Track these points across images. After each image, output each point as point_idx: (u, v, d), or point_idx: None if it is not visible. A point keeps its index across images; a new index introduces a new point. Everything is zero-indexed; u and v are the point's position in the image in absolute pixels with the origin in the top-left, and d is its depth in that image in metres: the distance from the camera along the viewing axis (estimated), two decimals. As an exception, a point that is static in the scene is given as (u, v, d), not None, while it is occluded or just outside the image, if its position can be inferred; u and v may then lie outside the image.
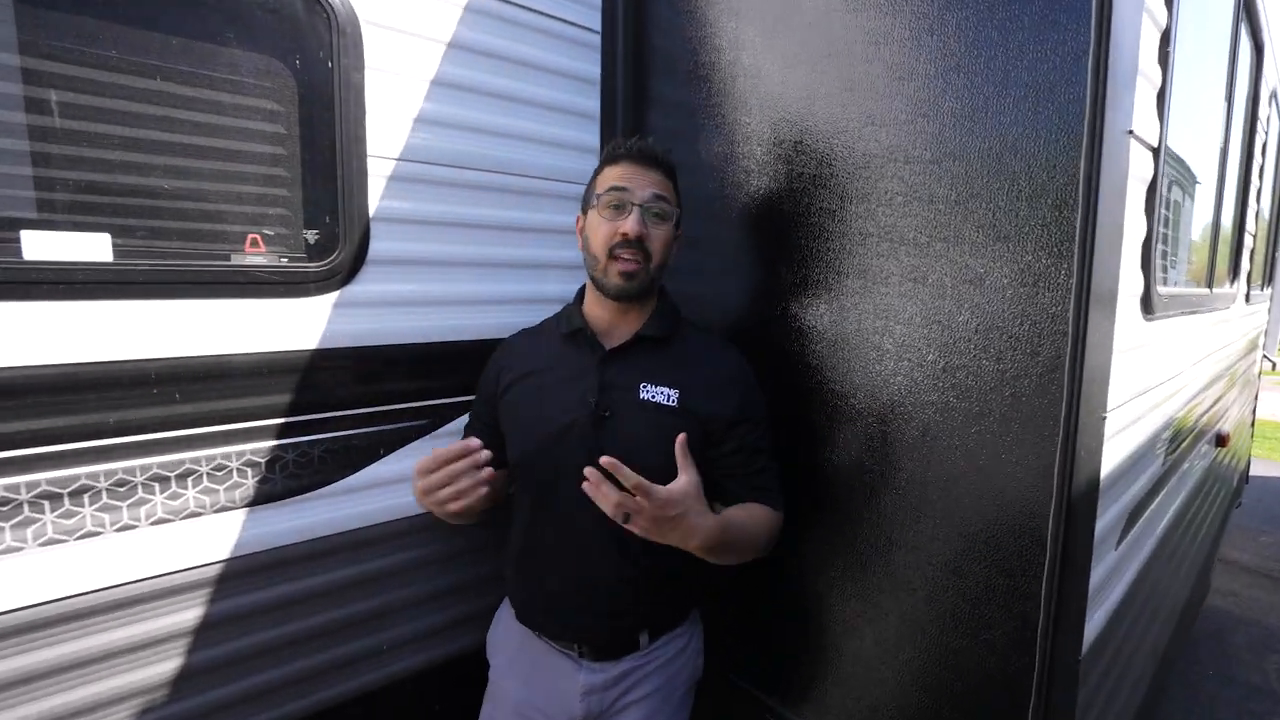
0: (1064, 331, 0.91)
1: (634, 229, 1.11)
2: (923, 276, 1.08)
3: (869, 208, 1.15)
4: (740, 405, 1.17)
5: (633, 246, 1.13)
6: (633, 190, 1.13)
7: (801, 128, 1.25)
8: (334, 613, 1.29)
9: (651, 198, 1.14)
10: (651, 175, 1.15)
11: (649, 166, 1.15)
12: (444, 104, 1.34)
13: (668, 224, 1.17)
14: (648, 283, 1.16)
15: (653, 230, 1.15)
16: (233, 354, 1.14)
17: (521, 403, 1.21)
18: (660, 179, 1.16)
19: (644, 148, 1.16)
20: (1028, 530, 0.98)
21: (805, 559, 1.30)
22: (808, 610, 1.30)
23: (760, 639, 1.40)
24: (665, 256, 1.19)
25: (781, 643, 1.36)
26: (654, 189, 1.15)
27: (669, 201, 1.17)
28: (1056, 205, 0.92)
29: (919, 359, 1.09)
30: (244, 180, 1.15)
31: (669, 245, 1.19)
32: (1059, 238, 0.92)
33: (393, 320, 1.32)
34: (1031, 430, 0.97)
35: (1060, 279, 0.92)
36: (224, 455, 1.14)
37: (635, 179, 1.14)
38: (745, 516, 1.14)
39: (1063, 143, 0.90)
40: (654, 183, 1.15)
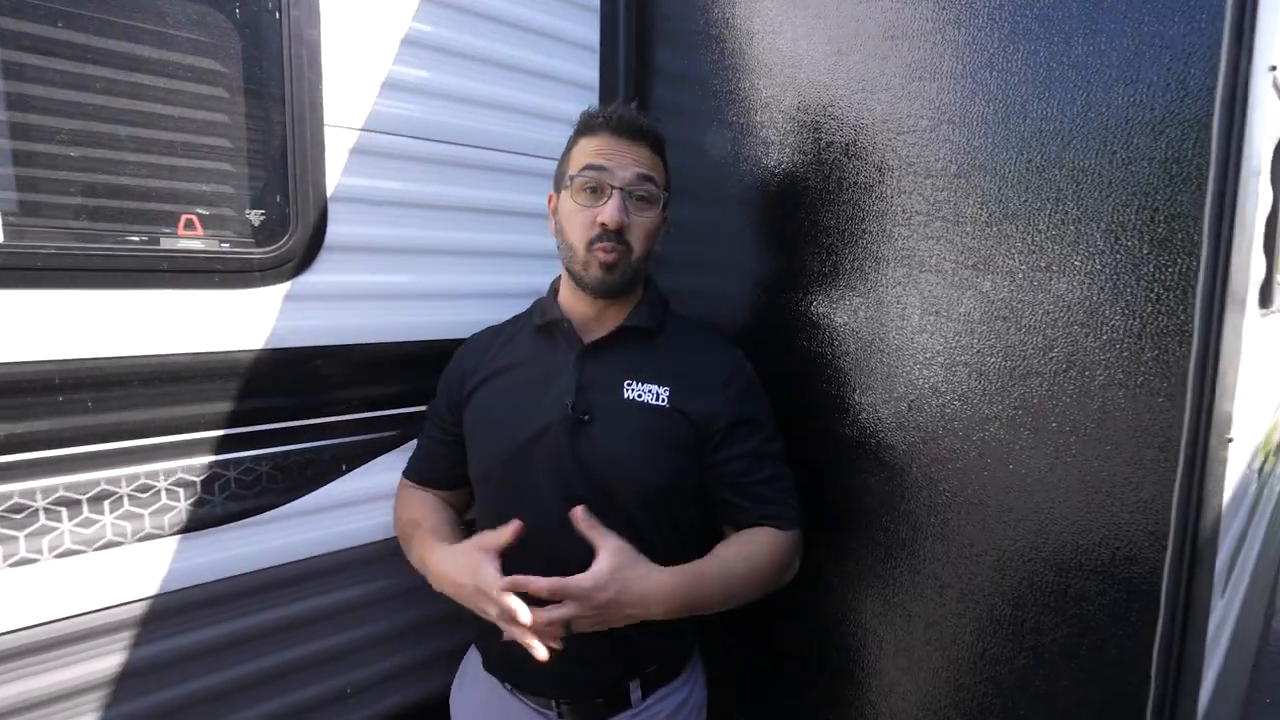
0: (1182, 331, 0.71)
1: (614, 218, 0.93)
2: (984, 262, 0.88)
3: (915, 180, 0.95)
4: (740, 404, 0.98)
5: (609, 238, 0.94)
6: (612, 170, 0.94)
7: (830, 90, 1.05)
8: (286, 654, 1.11)
9: (635, 179, 0.95)
10: (636, 150, 0.96)
11: (633, 140, 0.96)
12: (417, 67, 1.17)
13: (654, 208, 0.98)
14: (631, 275, 0.98)
15: (636, 218, 0.96)
16: (161, 355, 0.97)
17: (488, 407, 1.04)
18: (646, 154, 0.97)
19: (626, 116, 0.96)
20: (1124, 581, 0.78)
21: (833, 600, 1.10)
22: (835, 662, 1.10)
23: (777, 694, 1.21)
24: (651, 245, 1.00)
25: (802, 700, 1.16)
26: (638, 168, 0.96)
27: (656, 182, 0.98)
28: (1171, 162, 0.71)
29: (977, 365, 0.89)
30: (176, 151, 0.98)
31: (656, 232, 1.01)
32: (1178, 208, 0.72)
33: (355, 316, 1.14)
34: (1129, 454, 0.77)
35: (1179, 262, 0.72)
36: (149, 474, 0.97)
37: (616, 155, 0.95)
38: (735, 554, 0.95)
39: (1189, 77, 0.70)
40: (638, 160, 0.96)
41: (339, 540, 1.16)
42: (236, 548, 1.06)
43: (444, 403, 1.10)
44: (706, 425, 0.97)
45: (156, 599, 0.99)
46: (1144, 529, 0.76)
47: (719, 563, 0.94)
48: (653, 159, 0.98)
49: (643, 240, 0.97)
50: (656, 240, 1.02)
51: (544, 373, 1.01)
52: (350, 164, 1.11)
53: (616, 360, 1.00)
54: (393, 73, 1.14)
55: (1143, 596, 0.76)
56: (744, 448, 0.98)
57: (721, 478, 0.99)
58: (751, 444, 0.99)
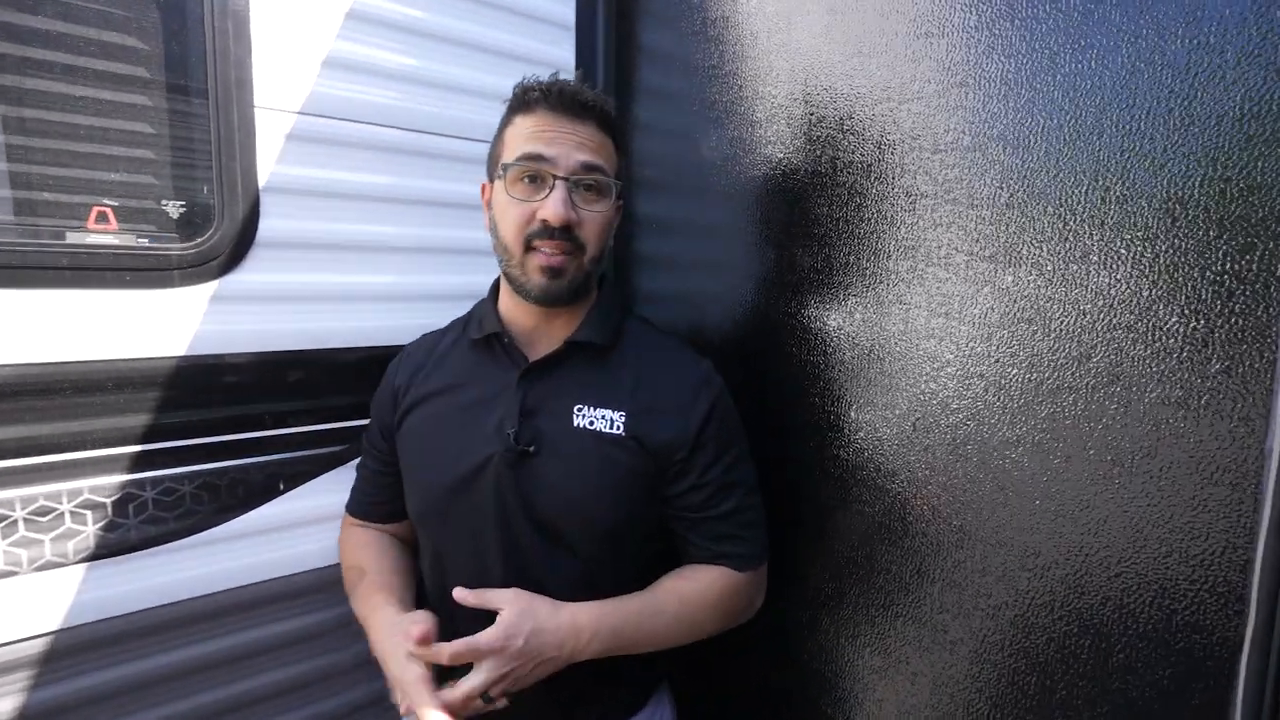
0: (1263, 336, 0.55)
1: (559, 215, 0.79)
2: (1004, 253, 0.72)
3: (920, 156, 0.80)
4: (705, 426, 0.84)
5: (558, 236, 0.80)
6: (554, 157, 0.80)
7: (824, 55, 0.90)
8: (211, 695, 1.00)
9: (580, 166, 0.81)
10: (581, 130, 0.81)
11: (576, 117, 0.81)
12: (362, 44, 1.05)
13: (605, 200, 0.84)
14: (582, 279, 0.84)
15: (584, 211, 0.82)
16: (65, 362, 0.87)
17: (421, 436, 0.90)
18: (593, 135, 0.82)
19: (569, 89, 0.81)
20: (1182, 654, 0.61)
21: (828, 648, 0.95)
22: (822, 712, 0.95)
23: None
24: (604, 242, 0.86)
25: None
26: (585, 154, 0.81)
27: (605, 170, 0.83)
28: (1248, 119, 0.55)
29: (996, 377, 0.74)
30: (83, 135, 0.88)
31: (609, 227, 0.87)
32: (1257, 177, 0.55)
33: (291, 319, 1.03)
34: (1189, 493, 0.60)
35: (1258, 246, 0.56)
36: (50, 494, 0.87)
37: (557, 138, 0.80)
38: (666, 590, 0.85)
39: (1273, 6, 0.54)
40: (585, 143, 0.81)
41: (276, 567, 1.05)
42: (155, 576, 0.95)
43: (377, 428, 0.98)
44: (667, 455, 0.84)
45: (58, 635, 0.89)
46: (1210, 589, 0.59)
47: (644, 599, 0.83)
48: (601, 140, 0.84)
49: (596, 238, 0.84)
50: (610, 237, 0.89)
51: (483, 395, 0.87)
52: (286, 151, 1.00)
53: (565, 381, 0.86)
54: (335, 50, 1.03)
55: (1208, 676, 0.60)
56: (705, 477, 0.84)
57: (677, 510, 0.86)
58: (714, 472, 0.85)
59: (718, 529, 0.85)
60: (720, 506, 0.85)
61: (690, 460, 0.84)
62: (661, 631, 0.83)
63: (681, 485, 0.84)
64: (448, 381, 0.91)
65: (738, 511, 0.86)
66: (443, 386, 0.91)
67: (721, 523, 0.85)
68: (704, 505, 0.85)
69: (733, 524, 0.86)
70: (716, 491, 0.84)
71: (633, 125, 1.27)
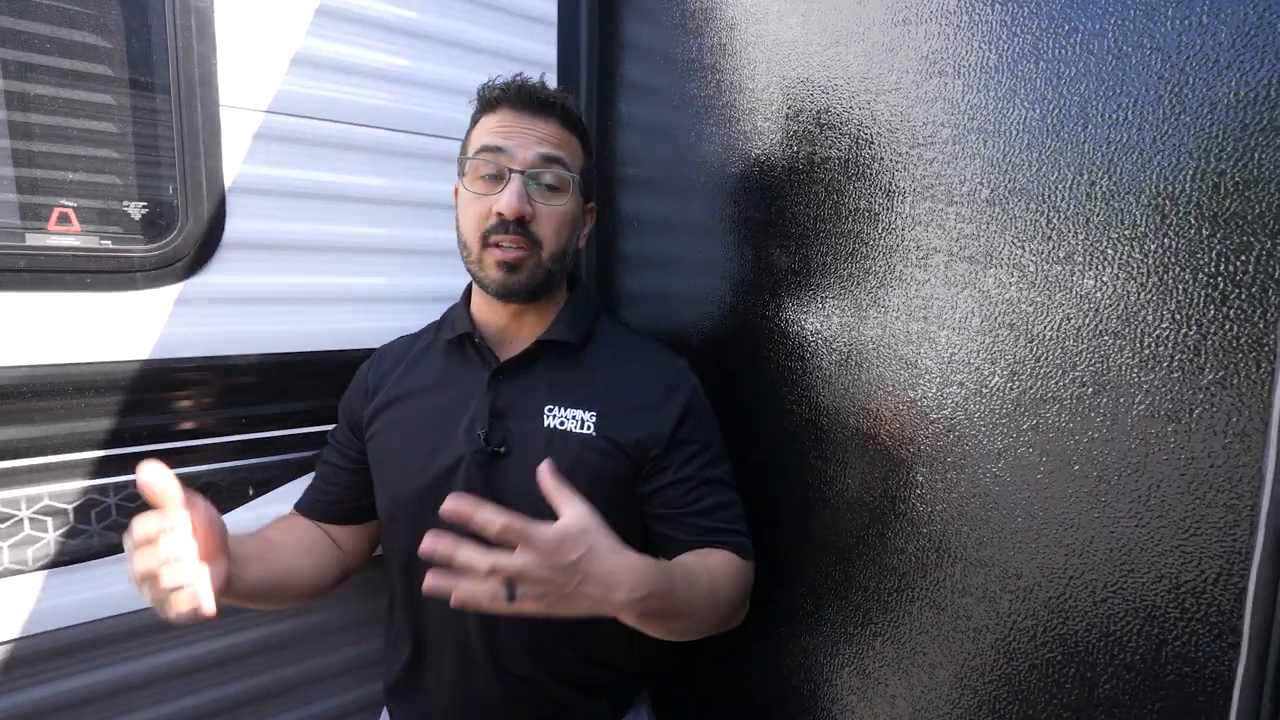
0: (1260, 344, 0.50)
1: (512, 206, 0.78)
2: (984, 253, 0.68)
3: (898, 152, 0.75)
4: (680, 424, 0.83)
5: (512, 230, 0.79)
6: (511, 150, 0.80)
7: (801, 46, 0.86)
8: (172, 705, 0.98)
9: (538, 160, 0.81)
10: (541, 127, 0.82)
11: (537, 114, 0.82)
12: (332, 40, 1.03)
13: (564, 195, 0.83)
14: (541, 277, 0.83)
15: (541, 206, 0.81)
16: (24, 366, 0.85)
17: (392, 437, 0.88)
18: (554, 131, 0.83)
19: (529, 87, 0.82)
20: (1173, 686, 0.56)
21: (805, 666, 0.91)
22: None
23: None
24: (566, 241, 0.85)
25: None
26: (542, 147, 0.81)
27: (565, 163, 0.83)
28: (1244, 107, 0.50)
29: (976, 385, 0.69)
30: (46, 136, 0.86)
31: (571, 225, 0.85)
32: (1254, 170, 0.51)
33: (259, 322, 1.01)
34: (1179, 513, 0.56)
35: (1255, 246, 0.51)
36: (8, 500, 0.86)
37: (516, 133, 0.81)
38: (696, 563, 0.78)
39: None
40: (544, 137, 0.82)
41: (245, 574, 1.03)
42: (118, 584, 0.94)
43: (345, 424, 0.95)
44: (642, 454, 0.82)
45: (17, 644, 0.87)
46: (1202, 619, 0.55)
47: (684, 567, 0.75)
48: (562, 135, 0.84)
49: (554, 234, 0.82)
50: (575, 235, 0.87)
51: (455, 397, 0.86)
52: (254, 150, 0.98)
53: (536, 381, 0.85)
54: (304, 46, 1.01)
55: (1199, 712, 0.55)
56: (681, 473, 0.82)
57: (656, 509, 0.83)
58: (692, 468, 0.82)
59: (702, 523, 0.82)
60: (701, 503, 0.82)
61: (665, 457, 0.82)
62: (699, 604, 0.74)
63: (658, 482, 0.82)
64: (420, 383, 0.89)
65: (720, 507, 0.83)
66: (415, 388, 0.89)
67: (705, 518, 0.82)
68: (682, 501, 0.82)
69: (718, 518, 0.83)
70: (695, 488, 0.82)
71: (616, 122, 1.23)
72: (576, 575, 0.61)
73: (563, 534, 0.61)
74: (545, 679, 0.80)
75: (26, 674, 0.88)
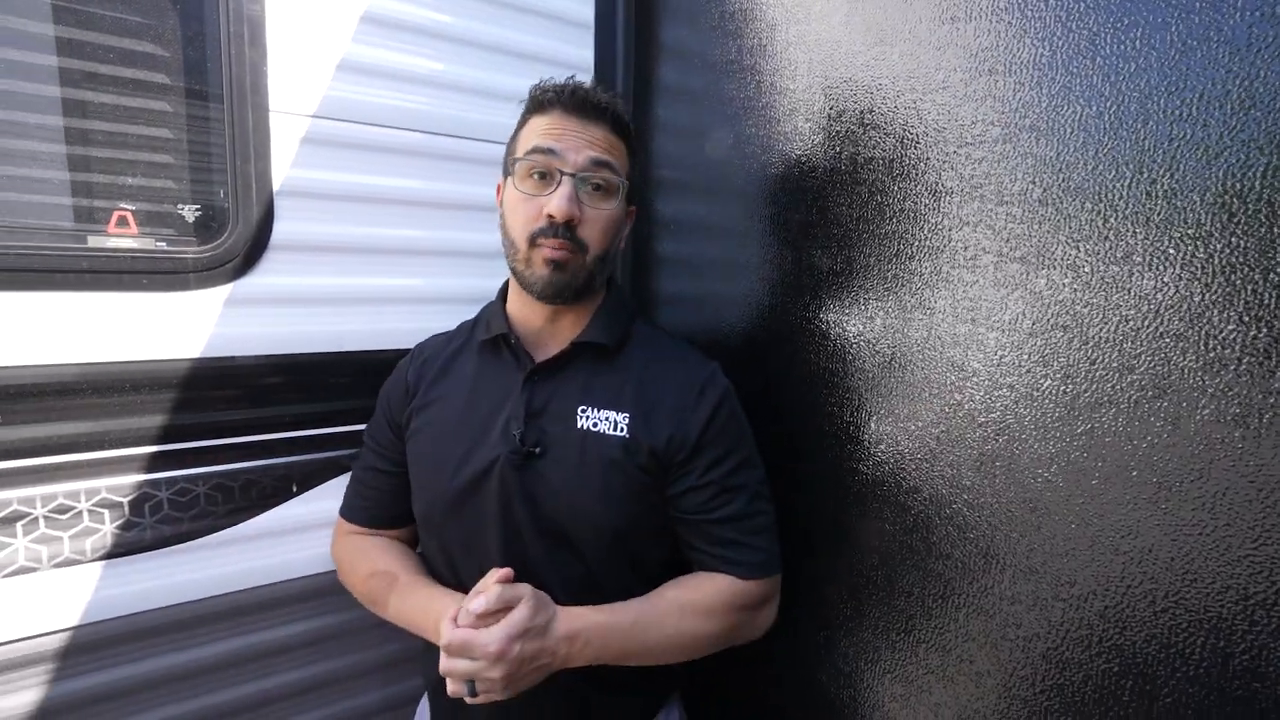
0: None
1: (563, 209, 0.78)
2: (1036, 253, 0.66)
3: (945, 151, 0.74)
4: (707, 426, 0.82)
5: (561, 234, 0.80)
6: (563, 153, 0.80)
7: (844, 45, 0.85)
8: (222, 695, 1.01)
9: (589, 164, 0.81)
10: (592, 131, 0.82)
11: (588, 118, 0.82)
12: (379, 46, 1.05)
13: (612, 200, 0.84)
14: (585, 277, 0.84)
15: (590, 210, 0.82)
16: (81, 364, 0.89)
17: (428, 439, 0.89)
18: (604, 135, 0.83)
19: (582, 91, 0.83)
20: (1242, 702, 0.54)
21: (846, 673, 0.89)
22: (849, 747, 0.89)
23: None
24: (610, 243, 0.86)
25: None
26: (593, 151, 0.82)
27: (615, 169, 0.83)
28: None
29: (1027, 389, 0.68)
30: (106, 141, 0.90)
31: (616, 228, 0.86)
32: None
33: (305, 322, 1.04)
34: (1248, 521, 0.54)
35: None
36: (69, 493, 0.89)
37: (568, 136, 0.81)
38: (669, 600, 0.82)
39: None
40: (594, 142, 0.82)
41: (288, 569, 1.05)
42: (169, 575, 0.97)
43: (386, 424, 0.96)
44: (669, 456, 0.82)
45: (76, 631, 0.91)
46: (1274, 632, 0.53)
47: (638, 610, 0.80)
48: (611, 141, 0.84)
49: (600, 237, 0.83)
50: (618, 238, 0.88)
51: (490, 398, 0.87)
52: (300, 154, 1.01)
53: (570, 383, 0.85)
54: (349, 53, 1.03)
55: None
56: (706, 478, 0.82)
57: (678, 512, 0.84)
58: (716, 473, 0.82)
59: (720, 534, 0.82)
60: (722, 510, 0.82)
61: (691, 461, 0.82)
62: (657, 644, 0.80)
63: (681, 486, 0.82)
64: (455, 384, 0.90)
65: (742, 517, 0.83)
66: (451, 389, 0.90)
67: (724, 527, 0.82)
68: (704, 508, 0.82)
69: (736, 529, 0.82)
70: (718, 494, 0.82)
71: (653, 125, 1.24)
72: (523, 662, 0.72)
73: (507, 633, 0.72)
74: (576, 679, 0.81)
75: (83, 661, 0.91)
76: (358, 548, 0.97)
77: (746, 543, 0.83)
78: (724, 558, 0.82)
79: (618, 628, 0.77)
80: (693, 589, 0.83)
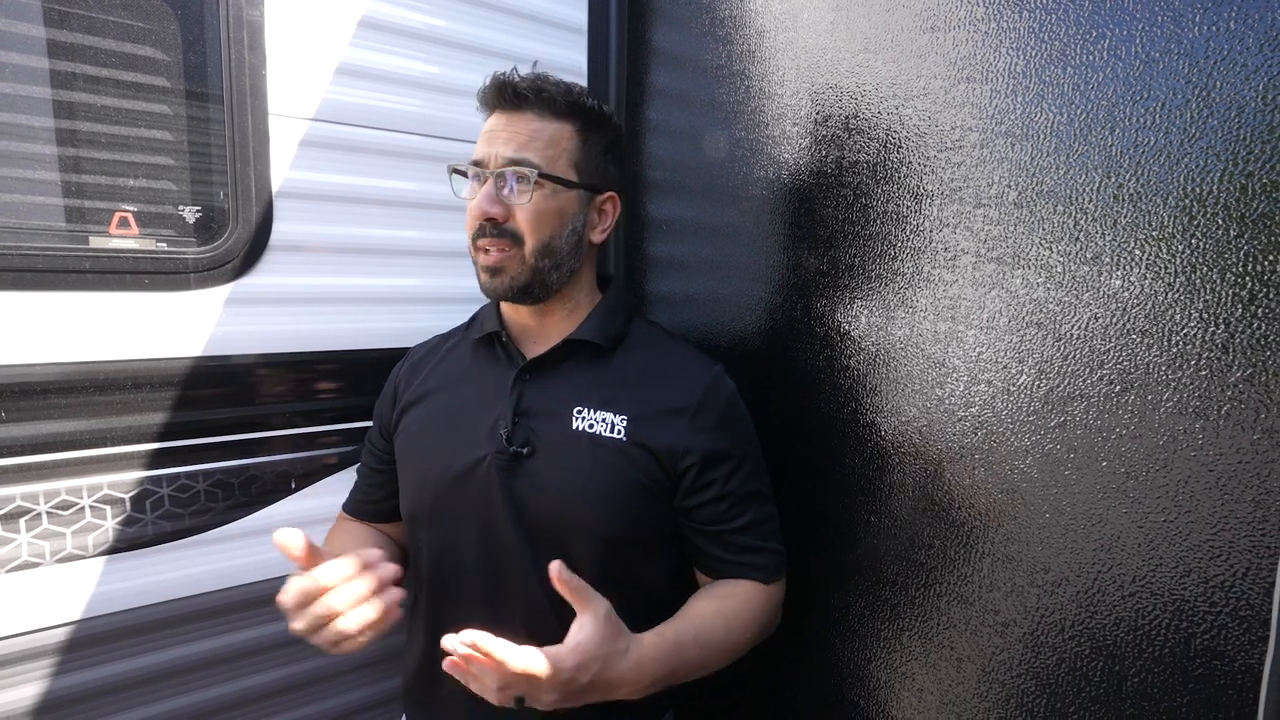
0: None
1: (480, 208, 0.78)
2: (1012, 254, 0.69)
3: (926, 155, 0.77)
4: (716, 435, 0.81)
5: (489, 233, 0.79)
6: (487, 155, 0.80)
7: (830, 53, 0.88)
8: (222, 689, 1.03)
9: (502, 160, 0.78)
10: (517, 123, 0.79)
11: (516, 109, 0.79)
12: (376, 51, 1.07)
13: (532, 191, 0.78)
14: (528, 275, 0.80)
15: (515, 203, 0.78)
16: (87, 362, 0.90)
17: (415, 435, 0.90)
18: (529, 125, 0.79)
19: (500, 83, 0.79)
20: (1202, 679, 0.57)
21: (832, 662, 0.92)
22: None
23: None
24: (552, 235, 0.80)
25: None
26: (508, 147, 0.78)
27: (531, 160, 0.78)
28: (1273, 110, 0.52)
29: (1004, 384, 0.71)
30: (108, 144, 0.91)
31: (555, 218, 0.80)
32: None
33: (303, 322, 1.05)
34: (1208, 508, 0.57)
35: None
36: (72, 489, 0.91)
37: (495, 137, 0.80)
38: (713, 615, 0.79)
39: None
40: (515, 135, 0.79)
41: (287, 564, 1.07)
42: (170, 571, 0.98)
43: (378, 427, 0.98)
44: (674, 462, 0.80)
45: (79, 625, 0.92)
46: (1231, 613, 0.56)
47: (697, 627, 0.78)
48: (537, 129, 0.79)
49: (531, 227, 0.79)
50: (569, 228, 0.82)
51: (480, 395, 0.86)
52: (299, 157, 1.03)
53: (565, 383, 0.84)
54: (347, 57, 1.05)
55: (1228, 705, 0.56)
56: (721, 489, 0.81)
57: (694, 524, 0.83)
58: (731, 484, 0.81)
59: (739, 541, 0.82)
60: (741, 519, 0.81)
61: (707, 472, 0.80)
62: (711, 660, 0.79)
63: (702, 497, 0.81)
64: (445, 381, 0.91)
65: (758, 523, 0.83)
66: (440, 385, 0.90)
67: (742, 534, 0.82)
68: (724, 518, 0.81)
69: (753, 535, 0.82)
70: (737, 503, 0.81)
71: (645, 127, 1.26)
72: (584, 690, 0.67)
73: (577, 662, 0.65)
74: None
75: (85, 656, 0.92)
76: (333, 530, 0.99)
77: (764, 547, 0.83)
78: (747, 564, 0.82)
79: (683, 660, 0.74)
80: (729, 598, 0.81)
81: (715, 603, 0.81)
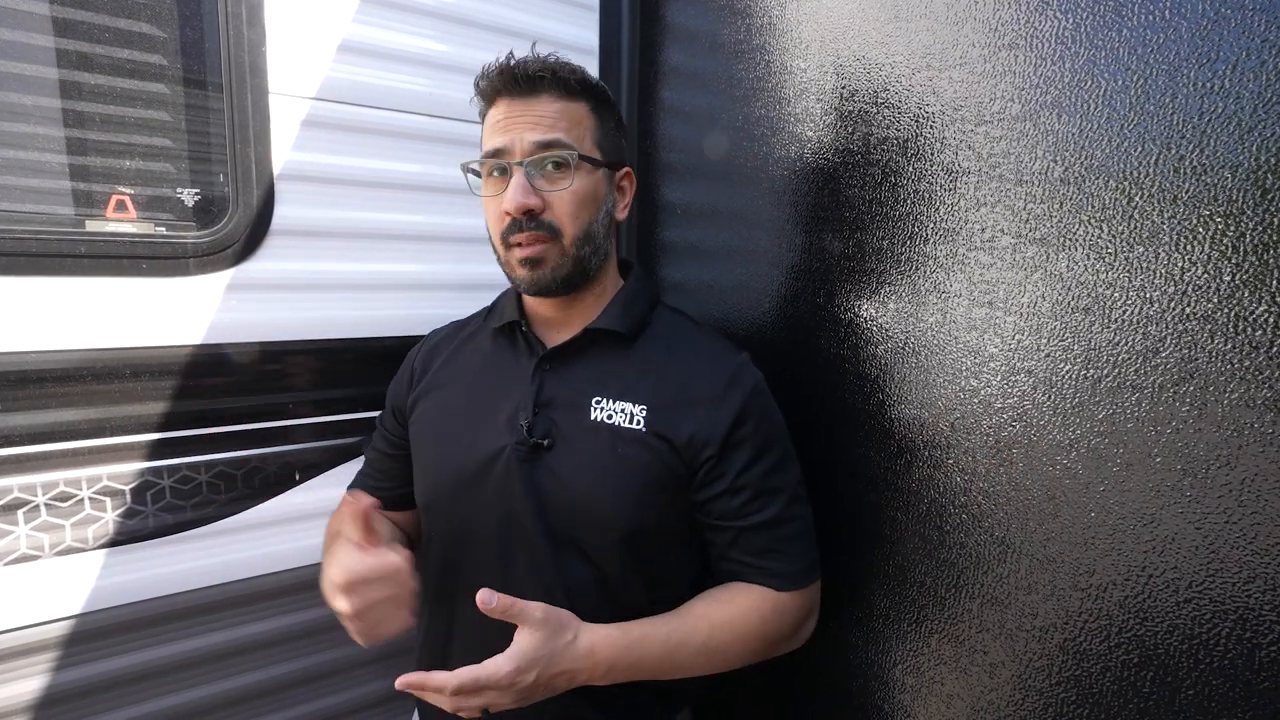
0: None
1: (516, 202, 0.73)
2: (1057, 234, 0.65)
3: (962, 129, 0.72)
4: (737, 424, 0.76)
5: (526, 227, 0.75)
6: (509, 146, 0.75)
7: (858, 23, 0.83)
8: (224, 685, 1.00)
9: (534, 148, 0.74)
10: (536, 108, 0.75)
11: (531, 93, 0.75)
12: (381, 27, 1.03)
13: (573, 175, 0.76)
14: (570, 266, 0.77)
15: (551, 193, 0.75)
16: (84, 350, 0.88)
17: (433, 423, 0.87)
18: (551, 108, 0.75)
19: (511, 67, 0.75)
20: (1265, 694, 0.53)
21: (856, 665, 0.88)
22: (858, 738, 0.88)
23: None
24: (590, 221, 0.78)
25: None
26: (537, 132, 0.74)
27: (564, 142, 0.75)
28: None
29: (1046, 374, 0.66)
30: (104, 124, 0.88)
31: (592, 202, 0.78)
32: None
33: (306, 308, 1.02)
34: (1275, 507, 0.52)
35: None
36: (70, 480, 0.88)
37: (513, 125, 0.75)
38: (697, 615, 0.77)
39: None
40: (538, 120, 0.75)
41: (291, 558, 1.04)
42: (172, 564, 0.96)
43: (390, 409, 0.95)
44: (695, 454, 0.76)
45: (78, 619, 0.90)
46: (1302, 623, 0.51)
47: (672, 627, 0.75)
48: (559, 110, 0.76)
49: (570, 217, 0.76)
50: (602, 210, 0.80)
51: (499, 385, 0.83)
52: (301, 138, 0.99)
53: (584, 372, 0.81)
54: (350, 34, 1.01)
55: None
56: (740, 480, 0.76)
57: (710, 518, 0.78)
58: (750, 476, 0.77)
59: (756, 541, 0.77)
60: (758, 515, 0.77)
61: (723, 462, 0.76)
62: (687, 662, 0.76)
63: (714, 490, 0.77)
64: (463, 370, 0.88)
65: (779, 522, 0.78)
66: (457, 375, 0.88)
67: (760, 534, 0.77)
68: (739, 513, 0.77)
69: (772, 536, 0.77)
70: (754, 498, 0.77)
71: (659, 108, 1.22)
72: (536, 689, 0.69)
73: (516, 666, 0.67)
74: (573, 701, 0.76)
75: (85, 650, 0.90)
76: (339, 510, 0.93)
77: (783, 550, 0.78)
78: (759, 568, 0.77)
79: (645, 653, 0.73)
80: (725, 603, 0.77)
81: (704, 605, 0.78)
